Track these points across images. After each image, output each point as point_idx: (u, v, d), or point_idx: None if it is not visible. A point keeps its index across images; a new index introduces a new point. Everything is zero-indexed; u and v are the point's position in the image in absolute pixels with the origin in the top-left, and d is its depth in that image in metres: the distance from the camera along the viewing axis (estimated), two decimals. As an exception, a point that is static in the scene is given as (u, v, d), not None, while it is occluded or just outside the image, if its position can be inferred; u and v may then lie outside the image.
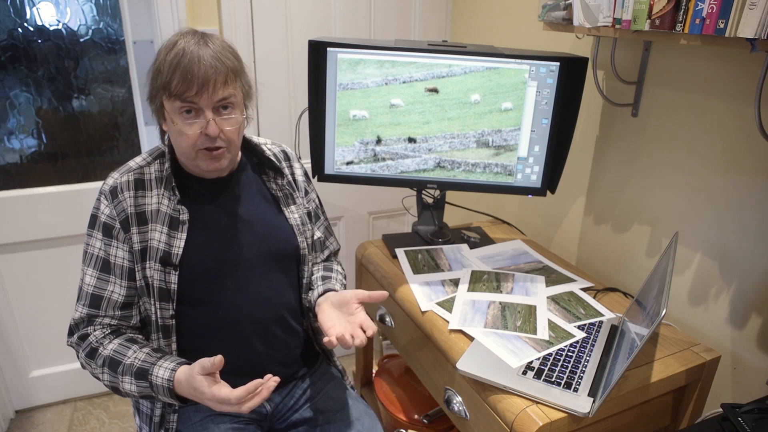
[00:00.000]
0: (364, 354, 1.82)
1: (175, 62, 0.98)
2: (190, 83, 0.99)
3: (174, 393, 1.00)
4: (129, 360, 1.03)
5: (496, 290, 1.35)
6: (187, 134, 1.03)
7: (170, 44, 1.02)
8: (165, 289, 1.07)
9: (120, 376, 1.02)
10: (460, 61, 1.37)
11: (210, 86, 1.00)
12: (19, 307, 1.92)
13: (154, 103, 1.05)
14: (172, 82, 0.99)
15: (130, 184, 1.07)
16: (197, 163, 1.07)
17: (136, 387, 1.01)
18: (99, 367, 1.04)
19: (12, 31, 1.73)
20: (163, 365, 1.01)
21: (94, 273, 1.07)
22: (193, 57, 0.99)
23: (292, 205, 1.24)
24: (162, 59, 1.01)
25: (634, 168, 1.44)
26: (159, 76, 1.01)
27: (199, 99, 1.01)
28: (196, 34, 1.04)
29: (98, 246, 1.07)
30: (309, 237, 1.26)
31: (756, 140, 1.14)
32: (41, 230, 1.86)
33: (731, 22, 0.92)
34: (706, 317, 1.29)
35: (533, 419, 0.97)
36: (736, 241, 1.21)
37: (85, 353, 1.05)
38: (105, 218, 1.06)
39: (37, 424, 2.00)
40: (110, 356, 1.03)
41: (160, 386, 1.00)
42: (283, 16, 1.86)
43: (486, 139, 1.44)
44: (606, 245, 1.56)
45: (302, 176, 1.31)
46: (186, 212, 1.09)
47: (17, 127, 1.83)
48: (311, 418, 1.22)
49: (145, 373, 1.01)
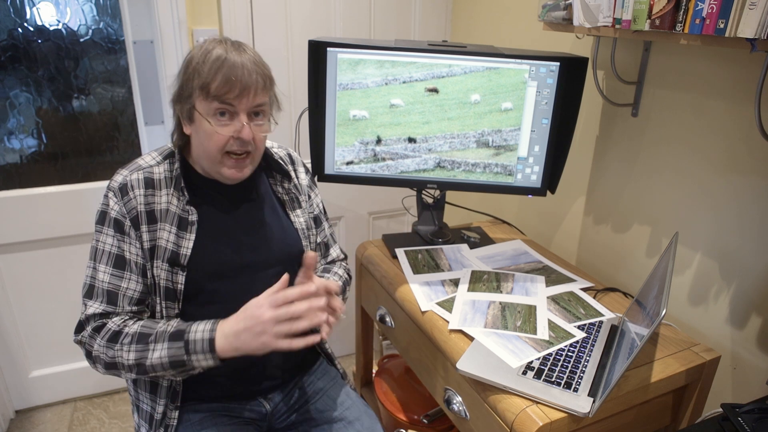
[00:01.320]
0: (364, 354, 1.82)
1: (218, 64, 1.00)
2: (232, 85, 1.00)
3: (213, 344, 0.96)
4: (162, 328, 1.01)
5: (496, 290, 1.35)
6: (221, 135, 1.03)
7: (205, 50, 1.02)
8: (171, 288, 1.07)
9: (152, 344, 0.99)
10: (460, 61, 1.37)
11: (251, 91, 1.02)
12: (19, 307, 1.92)
13: (185, 104, 1.05)
14: (213, 83, 1.00)
15: (140, 182, 1.07)
16: (219, 168, 1.08)
17: (167, 351, 0.97)
18: (125, 345, 1.00)
19: (12, 31, 1.73)
20: (202, 323, 0.99)
21: (108, 269, 1.05)
22: (236, 61, 1.01)
23: (298, 209, 1.25)
24: (200, 61, 1.01)
25: (634, 168, 1.44)
26: (197, 77, 1.01)
27: (238, 102, 1.02)
28: (229, 41, 1.05)
29: (110, 242, 1.05)
30: (313, 242, 1.27)
31: (756, 140, 1.14)
32: (41, 230, 1.86)
33: (731, 22, 0.92)
34: (706, 317, 1.29)
35: (533, 419, 0.97)
36: (736, 241, 1.21)
37: (107, 338, 1.01)
38: (115, 214, 1.05)
39: (37, 424, 2.00)
40: (139, 331, 1.01)
41: (199, 340, 0.96)
42: (283, 16, 1.86)
43: (486, 139, 1.44)
44: (606, 245, 1.56)
45: (306, 181, 1.31)
46: (195, 213, 1.09)
47: (17, 127, 1.83)
48: (310, 418, 1.22)
49: (182, 333, 0.98)
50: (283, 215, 1.22)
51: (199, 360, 0.97)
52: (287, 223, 1.22)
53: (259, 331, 0.94)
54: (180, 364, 0.98)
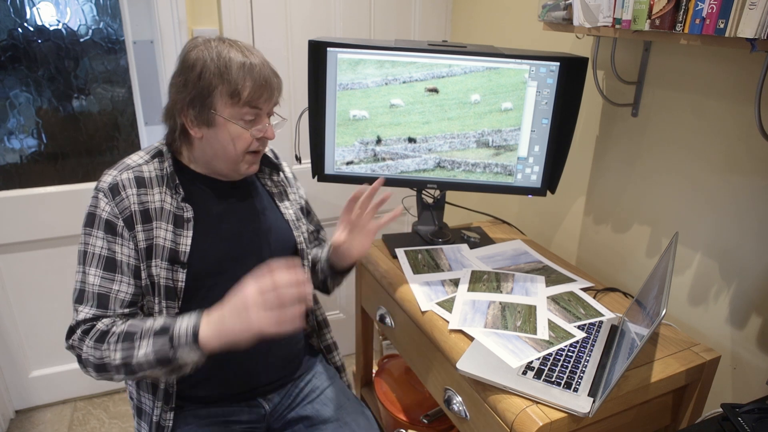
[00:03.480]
0: (364, 354, 1.82)
1: (245, 70, 1.02)
2: (263, 90, 1.03)
3: (197, 335, 0.93)
4: (148, 325, 0.98)
5: (496, 290, 1.35)
6: (249, 138, 1.07)
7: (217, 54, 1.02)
8: (172, 287, 1.06)
9: (138, 342, 0.96)
10: (460, 61, 1.37)
11: (275, 93, 1.07)
12: (19, 307, 1.92)
13: (203, 109, 1.03)
14: (245, 90, 1.02)
15: (131, 181, 1.05)
16: (238, 167, 1.10)
17: (152, 347, 0.94)
18: (111, 345, 0.97)
19: (12, 31, 1.73)
20: (188, 316, 0.97)
21: (98, 272, 1.03)
22: (259, 65, 1.04)
23: (287, 201, 1.27)
24: (220, 66, 1.01)
25: (634, 168, 1.44)
26: (223, 84, 1.01)
27: (265, 105, 1.06)
28: (233, 42, 1.06)
29: (100, 245, 1.04)
30: (304, 231, 1.28)
31: (756, 140, 1.14)
32: (41, 230, 1.86)
33: (731, 22, 0.92)
34: (706, 317, 1.29)
35: (533, 419, 0.97)
36: (736, 241, 1.21)
37: (94, 339, 0.99)
38: (107, 216, 1.03)
39: (37, 424, 2.00)
40: (125, 330, 0.98)
41: (183, 333, 0.93)
42: (283, 16, 1.86)
43: (486, 139, 1.44)
44: (606, 245, 1.56)
45: (291, 173, 1.34)
46: (190, 210, 1.09)
47: (17, 127, 1.83)
48: (307, 416, 1.22)
49: (167, 328, 0.95)
50: (273, 207, 1.24)
51: (184, 354, 0.94)
52: (278, 215, 1.23)
53: (241, 306, 0.91)
54: (166, 361, 0.95)
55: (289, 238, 1.22)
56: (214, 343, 0.93)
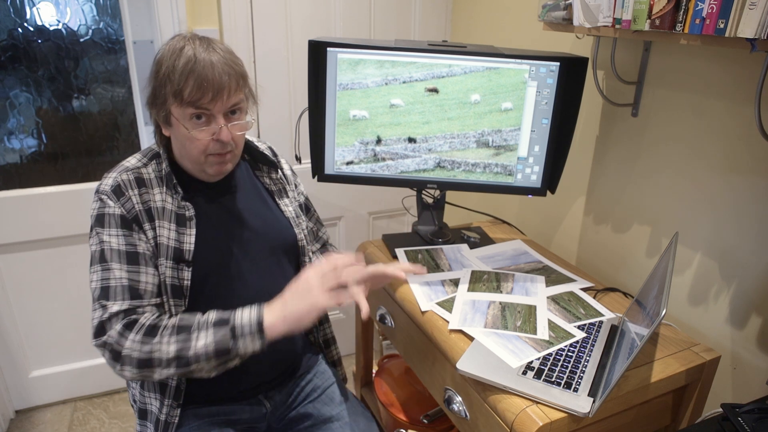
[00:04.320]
0: (364, 354, 1.82)
1: (188, 69, 0.98)
2: (205, 90, 0.98)
3: (261, 323, 0.96)
4: (202, 318, 0.99)
5: (496, 290, 1.35)
6: (200, 140, 1.03)
7: (176, 49, 1.00)
8: (178, 285, 1.07)
9: (194, 333, 0.97)
10: (460, 61, 1.37)
11: (225, 93, 1.00)
12: (19, 307, 1.92)
13: (160, 109, 1.03)
14: (186, 89, 0.98)
15: (132, 182, 1.06)
16: (204, 168, 1.08)
17: (213, 337, 0.96)
18: (165, 337, 0.97)
19: (12, 31, 1.73)
20: (245, 309, 0.99)
21: (122, 266, 1.01)
22: (206, 63, 0.98)
23: (286, 198, 1.27)
24: (170, 65, 0.99)
25: (634, 168, 1.44)
26: (169, 83, 0.99)
27: (213, 106, 1.01)
28: (200, 38, 1.03)
29: (116, 241, 1.02)
30: (305, 228, 1.28)
31: (756, 140, 1.14)
32: (41, 230, 1.86)
33: (731, 22, 0.92)
34: (706, 317, 1.29)
35: (533, 419, 0.97)
36: (736, 241, 1.21)
37: (143, 332, 0.97)
38: (120, 211, 1.03)
39: (37, 424, 2.00)
40: (178, 323, 0.99)
41: (246, 323, 0.96)
42: (283, 16, 1.86)
43: (486, 139, 1.44)
44: (606, 245, 1.56)
45: (289, 171, 1.35)
46: (191, 208, 1.09)
47: (17, 127, 1.84)
48: (308, 416, 1.23)
49: (226, 320, 0.97)
50: (273, 205, 1.24)
51: (246, 343, 0.96)
52: (278, 212, 1.24)
53: (304, 288, 0.99)
54: (224, 352, 0.96)
55: (289, 235, 1.23)
56: (279, 327, 0.97)
